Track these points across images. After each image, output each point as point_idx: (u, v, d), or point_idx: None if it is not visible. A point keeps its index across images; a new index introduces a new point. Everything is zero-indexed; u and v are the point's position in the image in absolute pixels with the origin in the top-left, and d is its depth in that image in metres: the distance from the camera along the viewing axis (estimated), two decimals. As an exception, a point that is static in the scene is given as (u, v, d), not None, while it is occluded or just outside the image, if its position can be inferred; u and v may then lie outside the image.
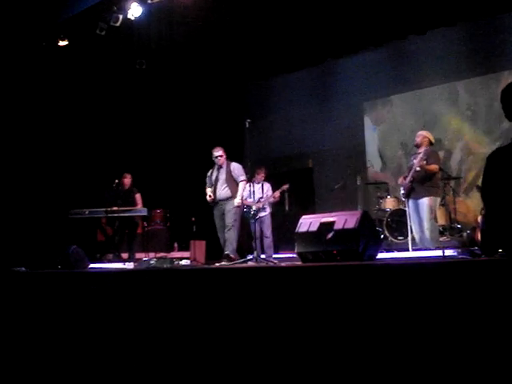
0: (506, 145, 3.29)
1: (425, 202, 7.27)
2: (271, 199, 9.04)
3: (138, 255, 9.43)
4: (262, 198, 8.83)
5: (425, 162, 7.21)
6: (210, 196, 7.81)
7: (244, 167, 7.88)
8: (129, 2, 8.95)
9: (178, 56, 10.29)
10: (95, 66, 10.21)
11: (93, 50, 9.89)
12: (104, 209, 9.35)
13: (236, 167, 7.88)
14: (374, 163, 11.22)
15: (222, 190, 7.77)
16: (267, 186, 9.16)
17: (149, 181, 10.34)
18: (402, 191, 7.63)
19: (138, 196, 9.61)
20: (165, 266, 6.87)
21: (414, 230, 7.49)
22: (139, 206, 9.56)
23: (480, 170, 3.27)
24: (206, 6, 9.01)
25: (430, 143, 7.57)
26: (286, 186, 9.36)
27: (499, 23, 9.32)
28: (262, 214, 8.74)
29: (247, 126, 7.33)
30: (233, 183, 7.79)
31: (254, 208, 8.09)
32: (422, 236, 7.30)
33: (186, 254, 9.71)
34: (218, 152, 7.87)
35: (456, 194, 9.31)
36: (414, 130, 8.68)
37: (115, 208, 9.31)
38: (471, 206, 9.47)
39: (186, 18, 9.32)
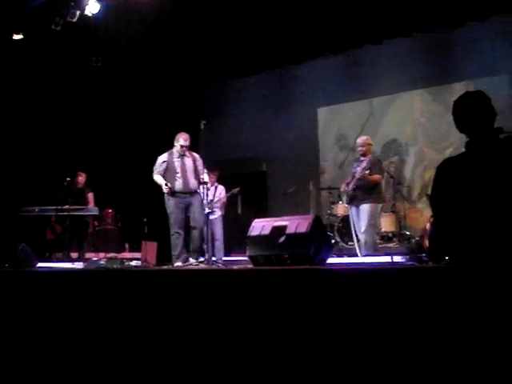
0: (456, 155, 3.37)
1: (365, 207, 7.40)
2: (220, 202, 9.03)
3: (88, 255, 9.32)
4: (212, 200, 8.72)
5: (367, 172, 7.35)
6: (166, 185, 7.07)
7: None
8: (86, -2, 8.89)
9: (134, 54, 10.20)
10: (50, 61, 10.02)
11: (48, 45, 9.71)
12: (54, 207, 9.19)
13: (199, 158, 7.44)
14: (326, 168, 11.39)
15: (194, 181, 7.24)
16: (221, 188, 9.11)
17: (100, 180, 10.21)
18: (345, 197, 7.77)
19: (90, 195, 9.49)
20: (115, 266, 6.81)
21: (354, 236, 7.63)
22: (91, 205, 9.45)
23: (432, 175, 3.38)
24: (164, 6, 8.97)
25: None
26: (236, 190, 9.36)
27: (452, 36, 9.56)
28: (212, 216, 8.59)
29: (202, 127, 7.31)
30: (197, 175, 7.31)
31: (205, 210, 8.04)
32: (360, 242, 7.46)
33: (137, 254, 9.64)
34: (188, 141, 7.25)
35: (406, 200, 9.49)
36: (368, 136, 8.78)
37: (66, 206, 9.16)
38: (421, 212, 9.64)
39: (144, 17, 9.26)
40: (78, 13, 8.95)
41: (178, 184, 7.18)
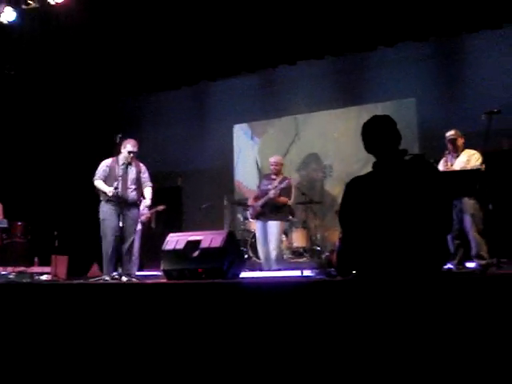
0: (364, 174, 3.54)
1: (274, 225, 7.62)
2: (144, 217, 8.87)
3: (-4, 269, 9.01)
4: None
5: (278, 192, 7.59)
6: (116, 189, 6.65)
7: None
8: (2, 5, 8.71)
9: (49, 64, 9.99)
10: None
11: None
12: (-40, 219, 8.86)
13: (145, 169, 7.21)
14: (248, 183, 11.53)
15: (132, 192, 6.89)
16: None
17: (10, 192, 9.90)
18: (251, 212, 7.95)
19: (-1, 207, 9.22)
20: (24, 280, 6.64)
21: (260, 251, 7.79)
22: (0, 217, 9.16)
23: (340, 189, 3.53)
24: (82, 16, 8.89)
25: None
26: (161, 207, 9.26)
27: (363, 60, 9.99)
28: None
29: (117, 140, 7.24)
30: (139, 187, 7.03)
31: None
32: (268, 257, 7.62)
33: (47, 269, 9.40)
34: (136, 148, 6.94)
35: (317, 216, 9.74)
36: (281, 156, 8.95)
37: (-27, 218, 8.85)
38: (332, 228, 9.89)
39: (61, 26, 9.13)
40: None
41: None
